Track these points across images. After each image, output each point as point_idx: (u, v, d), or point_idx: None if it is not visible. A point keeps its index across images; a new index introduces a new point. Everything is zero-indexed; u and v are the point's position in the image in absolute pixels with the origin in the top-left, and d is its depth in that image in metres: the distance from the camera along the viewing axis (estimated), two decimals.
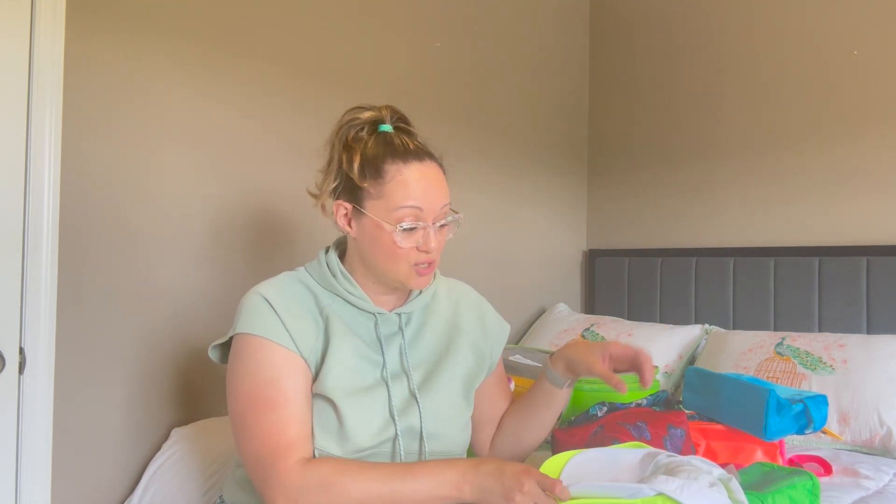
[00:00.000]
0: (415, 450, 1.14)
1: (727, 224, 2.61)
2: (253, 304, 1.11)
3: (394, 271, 1.13)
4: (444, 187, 1.14)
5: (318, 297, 1.16)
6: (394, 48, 2.33)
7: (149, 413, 1.78)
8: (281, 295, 1.12)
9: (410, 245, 1.10)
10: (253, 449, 1.04)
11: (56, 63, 1.47)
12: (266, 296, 1.11)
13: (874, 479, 1.59)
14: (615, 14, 3.02)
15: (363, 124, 1.15)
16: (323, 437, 1.08)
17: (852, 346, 2.00)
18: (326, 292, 1.17)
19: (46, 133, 1.46)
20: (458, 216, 1.16)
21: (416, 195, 1.09)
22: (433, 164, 1.14)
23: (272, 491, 1.01)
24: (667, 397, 1.49)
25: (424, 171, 1.12)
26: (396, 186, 1.09)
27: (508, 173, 2.74)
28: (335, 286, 1.16)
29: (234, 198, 1.93)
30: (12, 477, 1.44)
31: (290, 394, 1.06)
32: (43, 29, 1.45)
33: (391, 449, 1.12)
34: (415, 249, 1.11)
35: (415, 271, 1.12)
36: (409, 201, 1.09)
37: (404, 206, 1.09)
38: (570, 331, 2.61)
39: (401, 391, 1.14)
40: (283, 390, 1.06)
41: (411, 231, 1.10)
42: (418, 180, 1.10)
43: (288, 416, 1.05)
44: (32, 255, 1.45)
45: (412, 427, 1.13)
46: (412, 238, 1.11)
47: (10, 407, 1.43)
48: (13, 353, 1.43)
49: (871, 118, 2.26)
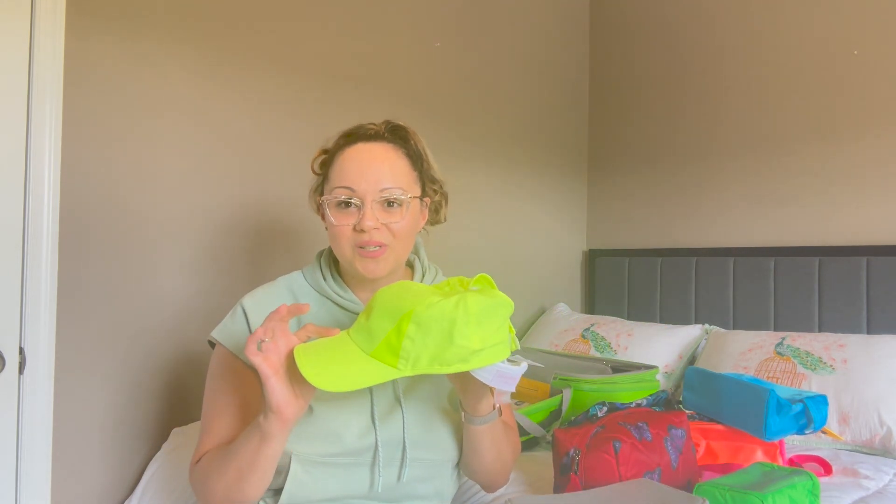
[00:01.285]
0: (397, 456, 1.10)
1: (727, 224, 2.61)
2: (233, 311, 1.17)
3: (342, 256, 1.12)
4: (385, 167, 1.10)
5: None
6: (394, 48, 2.33)
7: (149, 413, 1.78)
8: (258, 305, 1.15)
9: (346, 223, 1.09)
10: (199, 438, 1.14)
11: (56, 63, 1.47)
12: (245, 306, 1.16)
13: (874, 479, 1.59)
14: (615, 14, 3.02)
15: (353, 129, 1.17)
16: (301, 443, 1.07)
17: (852, 346, 2.00)
18: (317, 296, 1.18)
19: (46, 133, 1.46)
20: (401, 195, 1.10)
21: (349, 173, 1.10)
22: (386, 146, 1.13)
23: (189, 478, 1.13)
24: (667, 397, 1.49)
25: (367, 149, 1.12)
26: (336, 166, 1.12)
27: (508, 173, 2.74)
28: (325, 289, 1.17)
29: (235, 199, 1.93)
30: (12, 477, 1.44)
31: (231, 404, 1.12)
32: (43, 29, 1.45)
33: (371, 456, 1.09)
34: (352, 230, 1.09)
35: (359, 254, 1.10)
36: (343, 180, 1.10)
37: (339, 186, 1.10)
38: (570, 331, 2.61)
39: (385, 396, 1.11)
40: (226, 399, 1.12)
41: (345, 207, 1.10)
42: (355, 158, 1.11)
43: (222, 423, 1.11)
44: (32, 255, 1.45)
45: (394, 432, 1.10)
46: (347, 215, 1.10)
47: (10, 407, 1.43)
48: (13, 353, 1.43)
49: (872, 118, 2.26)
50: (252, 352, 0.94)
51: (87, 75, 1.65)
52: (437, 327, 0.90)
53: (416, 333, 0.90)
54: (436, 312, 0.90)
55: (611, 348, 2.46)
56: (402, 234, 1.12)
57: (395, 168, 1.12)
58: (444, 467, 1.16)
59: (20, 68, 1.43)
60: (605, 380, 1.88)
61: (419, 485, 1.13)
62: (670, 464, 1.29)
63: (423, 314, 0.90)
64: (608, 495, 1.11)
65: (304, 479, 1.08)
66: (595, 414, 1.41)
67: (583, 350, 2.49)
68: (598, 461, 1.25)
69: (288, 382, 0.96)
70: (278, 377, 0.95)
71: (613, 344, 2.47)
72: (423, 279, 1.22)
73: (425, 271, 1.24)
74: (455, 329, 0.90)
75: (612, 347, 2.46)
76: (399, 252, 1.13)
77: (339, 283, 1.17)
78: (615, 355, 2.42)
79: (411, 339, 0.90)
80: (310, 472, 1.08)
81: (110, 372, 1.71)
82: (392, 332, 0.92)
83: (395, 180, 1.10)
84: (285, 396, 0.95)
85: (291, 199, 2.00)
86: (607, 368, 2.03)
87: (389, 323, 0.92)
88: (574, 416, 1.50)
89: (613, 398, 1.78)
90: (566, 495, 1.16)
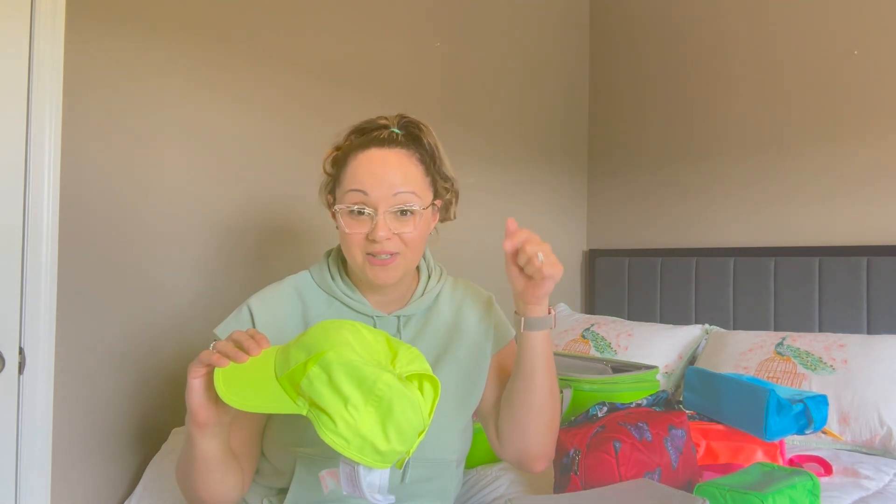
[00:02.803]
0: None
1: (727, 224, 2.61)
2: (239, 311, 1.16)
3: (352, 261, 1.12)
4: (399, 174, 1.09)
5: (309, 308, 1.16)
6: (394, 48, 2.33)
7: (149, 413, 1.78)
8: (266, 306, 1.14)
9: (359, 231, 1.08)
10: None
11: (56, 63, 1.47)
12: (252, 307, 1.15)
13: (874, 479, 1.59)
14: (615, 14, 3.02)
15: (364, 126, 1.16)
16: (305, 444, 1.07)
17: (852, 346, 2.00)
18: (325, 296, 1.17)
19: (46, 133, 1.46)
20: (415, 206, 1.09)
21: (363, 179, 1.08)
22: (400, 152, 1.11)
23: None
24: (667, 397, 1.49)
25: (382, 155, 1.10)
26: (349, 170, 1.10)
27: (508, 173, 2.74)
28: (333, 289, 1.16)
29: (235, 199, 1.93)
30: (12, 477, 1.44)
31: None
32: (43, 29, 1.45)
33: None
34: (364, 238, 1.09)
35: (368, 261, 1.09)
36: (355, 185, 1.08)
37: (351, 190, 1.08)
38: (570, 331, 2.61)
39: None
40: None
41: (359, 215, 1.08)
42: (369, 164, 1.09)
43: None
44: (32, 255, 1.45)
45: None
46: (360, 224, 1.09)
47: (10, 407, 1.43)
48: (13, 353, 1.43)
49: (872, 119, 2.26)
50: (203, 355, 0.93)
51: (87, 76, 1.65)
52: (337, 385, 0.83)
53: (315, 377, 0.84)
54: (346, 369, 0.84)
55: (611, 348, 2.46)
56: (414, 242, 1.11)
57: (409, 176, 1.10)
58: (448, 467, 1.16)
59: (20, 69, 1.43)
60: (606, 380, 1.88)
61: (423, 485, 1.13)
62: (670, 464, 1.29)
63: (333, 363, 0.84)
64: (608, 495, 1.11)
65: (308, 479, 1.08)
66: (595, 414, 1.41)
67: (583, 350, 2.49)
68: (599, 461, 1.25)
69: (208, 388, 0.94)
70: (199, 380, 0.93)
71: (613, 344, 2.47)
72: (430, 280, 1.22)
73: (431, 272, 1.24)
74: (350, 402, 0.83)
75: (612, 347, 2.46)
76: (410, 260, 1.12)
77: (347, 284, 1.17)
78: (615, 355, 2.42)
79: (309, 380, 0.85)
80: (314, 472, 1.08)
81: (110, 372, 1.71)
82: (299, 366, 0.87)
83: (408, 189, 1.09)
84: (200, 399, 0.94)
85: (293, 197, 2.00)
86: (607, 368, 2.03)
87: (304, 355, 0.87)
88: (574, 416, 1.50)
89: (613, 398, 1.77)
90: (566, 495, 1.16)
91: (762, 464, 1.25)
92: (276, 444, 1.11)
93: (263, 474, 1.16)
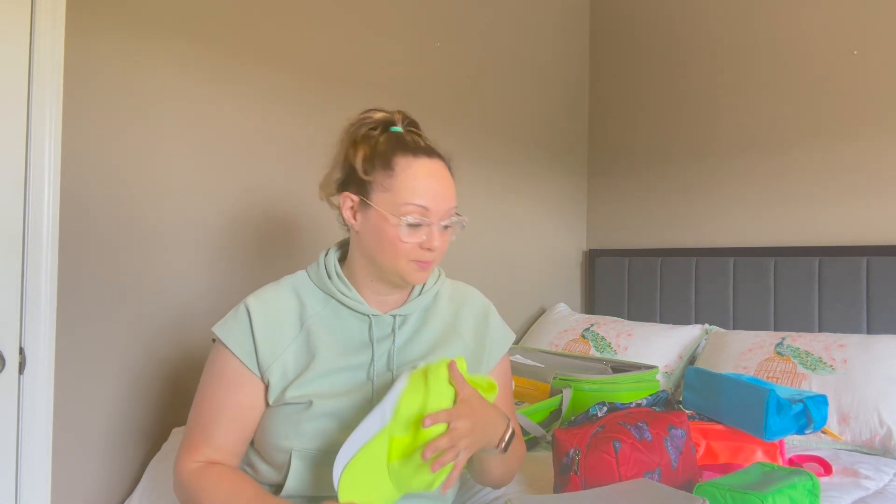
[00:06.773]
0: None
1: (727, 224, 2.61)
2: (237, 310, 1.16)
3: (393, 265, 1.13)
4: (451, 189, 1.16)
5: (306, 307, 1.17)
6: (394, 49, 2.33)
7: (149, 413, 1.78)
8: (264, 305, 1.15)
9: (413, 241, 1.12)
10: (187, 426, 1.16)
11: (56, 63, 1.47)
12: (249, 306, 1.15)
13: (874, 479, 1.59)
14: (615, 14, 3.02)
15: (375, 123, 1.17)
16: (301, 439, 1.08)
17: (852, 346, 2.00)
18: (322, 295, 1.18)
19: (46, 133, 1.46)
20: (462, 219, 1.17)
21: (424, 194, 1.11)
22: (442, 164, 1.16)
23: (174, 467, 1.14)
24: (667, 397, 1.49)
25: (433, 168, 1.14)
26: (406, 180, 1.11)
27: (508, 173, 2.74)
28: (330, 288, 1.17)
29: (235, 199, 1.93)
30: (12, 477, 1.44)
31: (224, 405, 1.12)
32: (43, 29, 1.45)
33: None
34: (417, 247, 1.12)
35: (415, 266, 1.14)
36: (417, 199, 1.11)
37: (412, 203, 1.10)
38: (570, 331, 2.61)
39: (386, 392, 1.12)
40: (221, 399, 1.13)
41: (416, 227, 1.12)
42: (427, 177, 1.12)
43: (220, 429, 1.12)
44: (32, 255, 1.45)
45: None
46: (416, 234, 1.12)
47: (10, 407, 1.43)
48: (13, 353, 1.43)
49: (871, 118, 2.26)
50: None
51: (87, 74, 1.65)
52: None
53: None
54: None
55: (611, 348, 2.46)
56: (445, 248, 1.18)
57: (454, 191, 1.17)
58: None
59: (20, 66, 1.43)
60: (605, 380, 1.89)
61: None
62: (670, 464, 1.29)
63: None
64: (608, 495, 1.11)
65: (304, 475, 1.09)
66: (595, 414, 1.41)
67: (583, 350, 2.49)
68: (598, 461, 1.25)
69: None
70: None
71: (613, 344, 2.47)
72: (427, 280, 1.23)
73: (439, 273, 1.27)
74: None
75: (612, 347, 2.46)
76: (438, 262, 1.19)
77: (344, 283, 1.18)
78: (615, 355, 2.42)
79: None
80: (311, 468, 1.09)
81: (110, 372, 1.71)
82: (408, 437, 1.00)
83: (455, 204, 1.16)
84: None
85: (293, 198, 2.00)
86: (607, 368, 2.03)
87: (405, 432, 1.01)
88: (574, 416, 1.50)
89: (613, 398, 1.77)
90: (566, 495, 1.16)
91: (762, 464, 1.25)
92: (271, 441, 1.12)
93: (258, 470, 1.16)
